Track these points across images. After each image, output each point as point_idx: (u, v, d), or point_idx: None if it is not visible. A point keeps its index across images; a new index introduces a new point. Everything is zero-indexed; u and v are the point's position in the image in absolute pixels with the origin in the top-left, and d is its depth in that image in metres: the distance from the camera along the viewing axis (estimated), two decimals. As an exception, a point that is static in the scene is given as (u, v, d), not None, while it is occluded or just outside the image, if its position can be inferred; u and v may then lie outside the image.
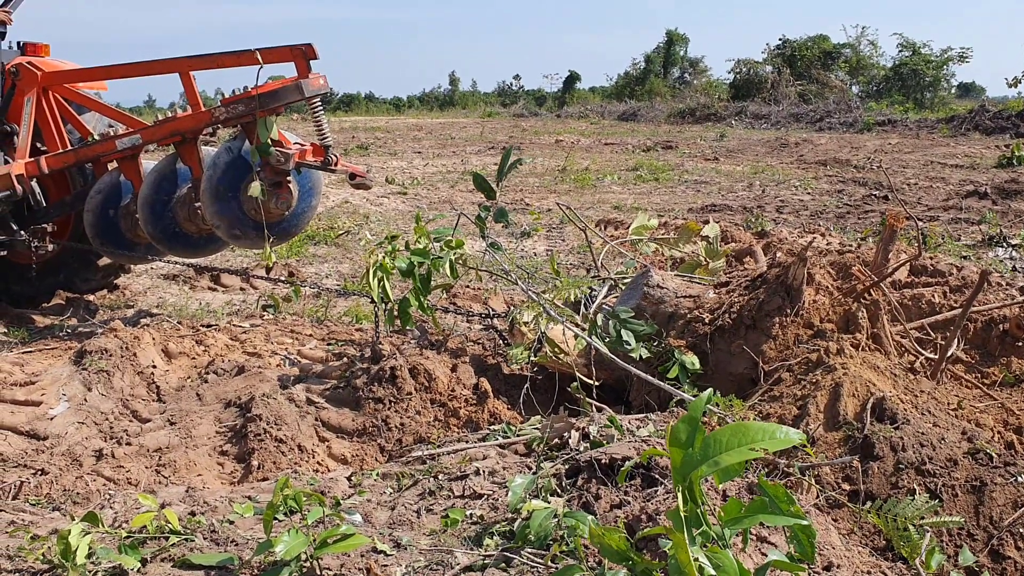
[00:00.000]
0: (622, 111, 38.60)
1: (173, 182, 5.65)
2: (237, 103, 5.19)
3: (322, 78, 5.24)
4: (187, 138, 5.48)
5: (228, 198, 5.27)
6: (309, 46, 5.16)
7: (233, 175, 5.26)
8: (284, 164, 5.16)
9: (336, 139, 24.12)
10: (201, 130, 5.45)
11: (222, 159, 5.28)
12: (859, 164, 15.99)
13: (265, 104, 5.11)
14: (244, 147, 5.26)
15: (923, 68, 38.58)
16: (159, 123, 5.58)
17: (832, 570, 2.64)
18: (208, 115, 5.36)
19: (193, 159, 5.51)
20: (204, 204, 5.33)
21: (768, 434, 1.54)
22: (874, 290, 4.09)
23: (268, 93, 5.11)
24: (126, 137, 5.64)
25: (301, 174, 5.52)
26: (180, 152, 5.57)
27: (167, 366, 4.91)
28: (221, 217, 5.32)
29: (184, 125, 5.46)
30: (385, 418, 4.23)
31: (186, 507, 3.18)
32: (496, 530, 2.87)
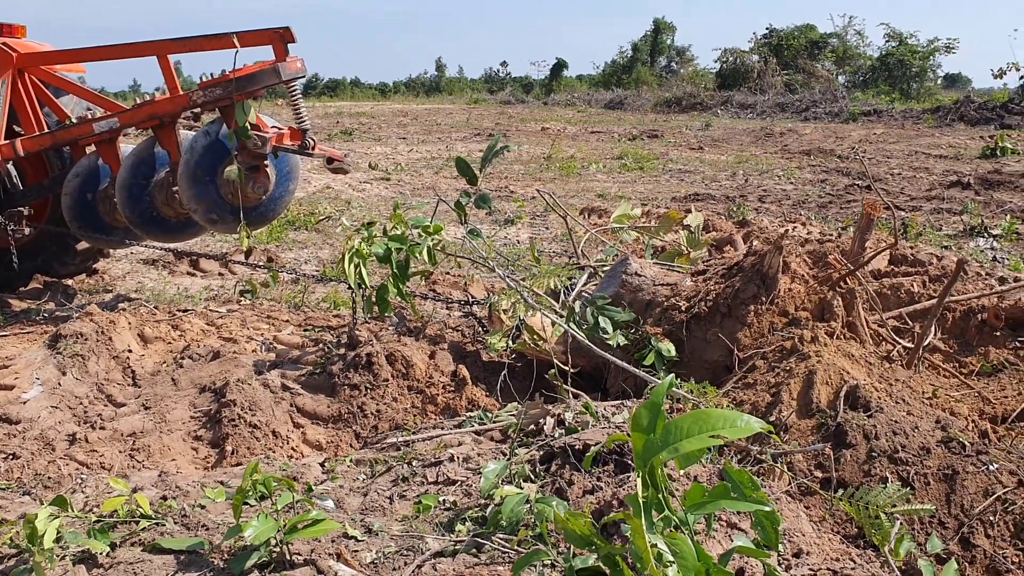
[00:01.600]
0: (609, 99, 38.58)
1: (151, 166, 5.61)
2: (215, 87, 5.15)
3: (299, 61, 5.21)
4: (165, 122, 5.43)
5: (205, 182, 5.23)
6: (287, 29, 5.12)
7: (211, 159, 5.22)
8: (261, 148, 5.12)
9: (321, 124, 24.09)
10: (179, 114, 5.41)
11: (200, 143, 5.23)
12: (843, 154, 16.03)
13: (243, 87, 5.07)
14: (222, 131, 5.22)
15: (909, 58, 38.67)
16: (137, 107, 5.53)
17: (802, 556, 2.65)
18: (186, 99, 5.32)
19: (171, 143, 5.47)
20: (181, 188, 5.29)
21: (729, 422, 1.54)
22: (850, 279, 4.10)
23: (245, 76, 5.07)
24: (103, 120, 5.58)
25: (279, 158, 5.48)
26: (158, 136, 5.53)
27: (143, 351, 4.88)
28: (198, 201, 5.28)
29: (162, 109, 5.41)
30: (361, 404, 4.22)
31: (158, 492, 3.16)
32: (468, 516, 2.87)
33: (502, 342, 4.40)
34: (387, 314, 4.61)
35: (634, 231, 6.12)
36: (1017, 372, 4.35)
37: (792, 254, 4.23)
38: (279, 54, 5.16)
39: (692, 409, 3.42)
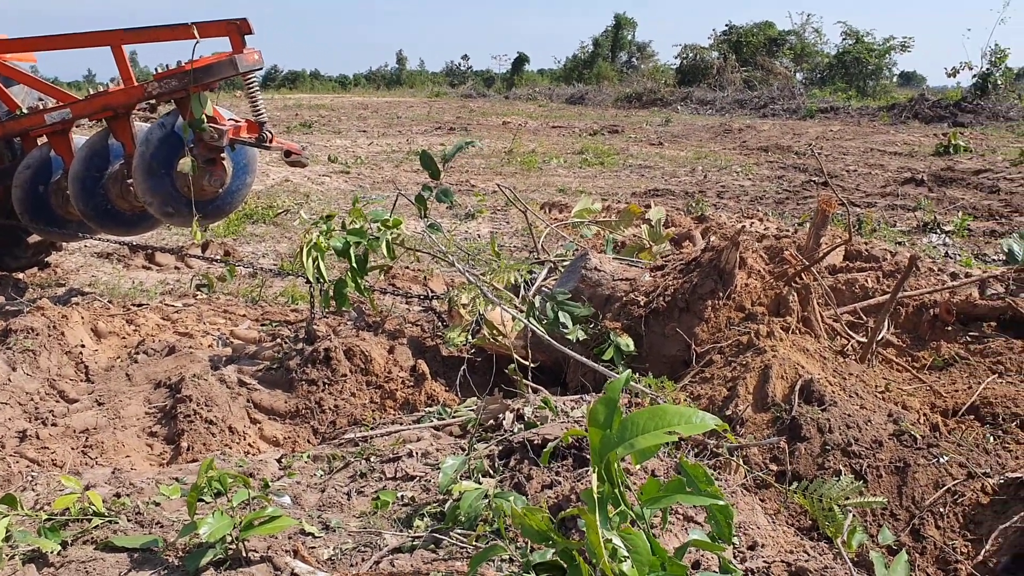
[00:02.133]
0: (570, 94, 38.67)
1: (105, 158, 5.52)
2: (170, 78, 5.08)
3: (256, 53, 5.15)
4: (119, 113, 5.35)
5: (161, 175, 5.16)
6: (244, 20, 5.06)
7: (166, 151, 5.15)
8: (218, 140, 5.07)
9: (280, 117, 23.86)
10: (134, 105, 5.32)
11: (155, 135, 5.16)
12: (800, 151, 16.22)
13: (199, 79, 5.00)
14: (177, 123, 5.15)
15: (866, 56, 39.19)
16: (90, 97, 5.43)
17: (756, 549, 2.68)
18: (141, 90, 5.24)
19: (126, 135, 5.38)
20: (136, 181, 5.21)
21: (684, 418, 1.55)
22: (805, 274, 4.15)
23: (202, 68, 5.01)
24: (55, 111, 5.48)
25: (235, 151, 5.42)
26: (112, 127, 5.44)
27: (96, 346, 4.80)
28: (154, 194, 5.21)
29: (116, 100, 5.32)
30: (319, 400, 4.19)
31: (111, 489, 3.12)
32: (427, 511, 2.87)
33: (461, 337, 4.40)
34: (345, 309, 4.58)
35: (594, 226, 6.14)
36: (968, 366, 4.44)
37: (749, 250, 4.28)
38: (236, 45, 5.11)
39: (651, 404, 3.44)
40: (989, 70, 26.65)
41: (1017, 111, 24.62)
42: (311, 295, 4.85)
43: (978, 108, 24.43)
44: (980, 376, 4.28)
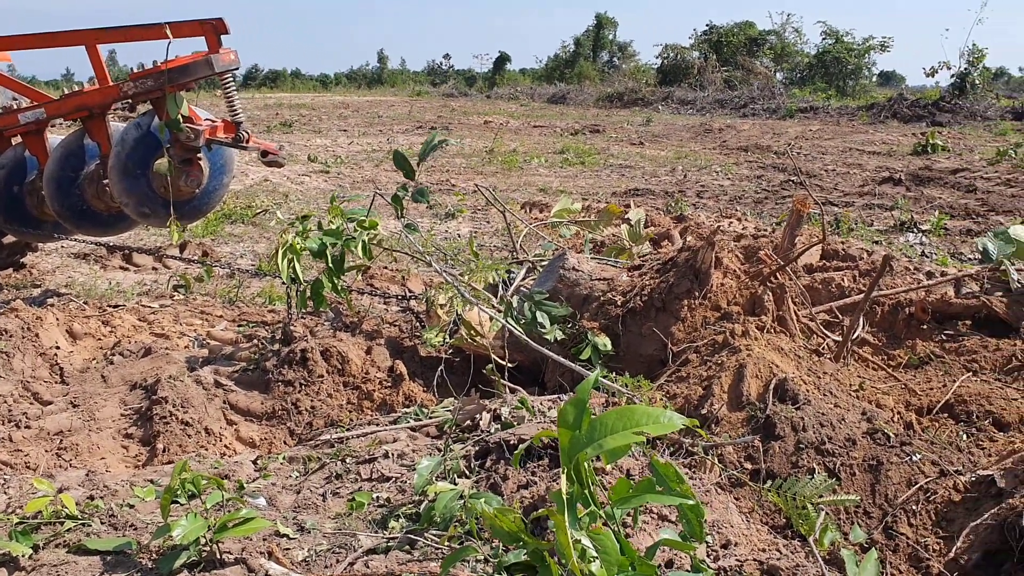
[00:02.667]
0: (552, 94, 38.71)
1: (80, 158, 5.48)
2: (146, 78, 5.05)
3: (232, 53, 5.13)
4: (95, 113, 5.31)
5: (137, 175, 5.13)
6: (220, 20, 5.04)
7: (142, 152, 5.12)
8: (194, 141, 5.04)
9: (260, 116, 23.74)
10: (109, 105, 5.29)
11: (131, 135, 5.13)
12: (779, 150, 16.30)
13: (174, 79, 4.98)
14: (153, 123, 5.12)
15: (845, 56, 39.44)
16: (65, 97, 5.39)
17: (730, 547, 2.70)
18: (116, 90, 5.20)
19: (101, 135, 5.34)
20: (112, 181, 5.18)
21: (652, 418, 1.56)
22: (780, 274, 4.18)
23: (177, 68, 4.98)
24: (30, 111, 5.44)
25: (212, 151, 5.40)
26: (88, 127, 5.40)
27: (71, 347, 4.77)
28: (130, 195, 5.18)
29: (91, 100, 5.28)
30: (295, 401, 4.18)
31: (85, 491, 3.10)
32: (402, 513, 2.87)
33: (439, 337, 4.40)
34: (322, 309, 4.57)
35: (574, 226, 6.15)
36: (943, 364, 4.48)
37: (724, 249, 4.30)
38: (212, 45, 5.09)
39: (627, 403, 3.45)
40: (967, 70, 26.88)
41: (995, 111, 24.86)
42: (288, 296, 4.83)
43: (956, 108, 24.64)
44: (955, 374, 4.32)
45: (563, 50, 53.46)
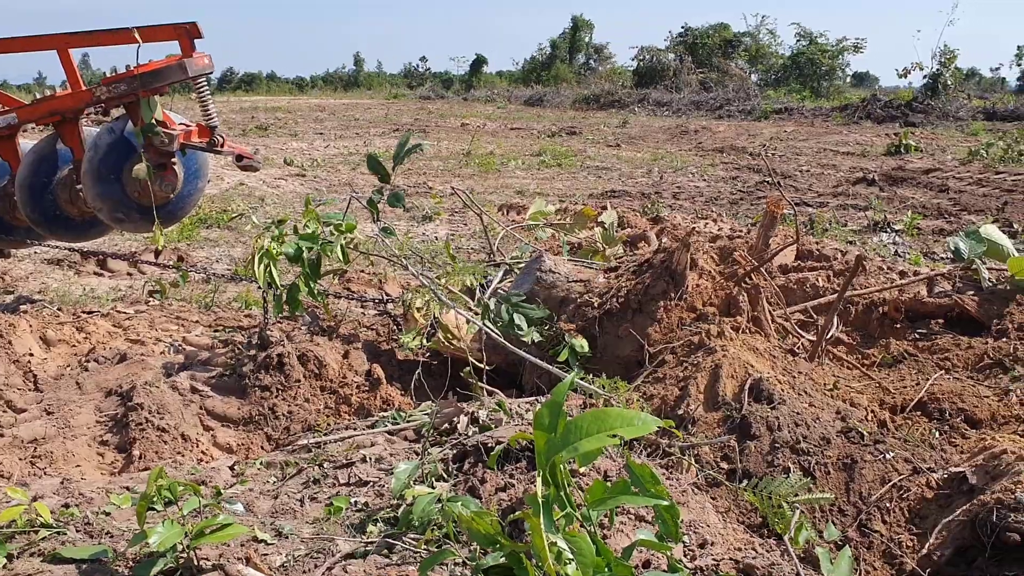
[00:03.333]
0: (529, 96, 38.77)
1: (53, 163, 5.44)
2: (119, 82, 5.02)
3: (206, 57, 5.12)
4: (67, 118, 5.27)
5: (110, 180, 5.10)
6: (193, 24, 5.03)
7: (115, 156, 5.09)
8: (168, 145, 5.02)
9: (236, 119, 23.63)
10: (82, 110, 5.25)
11: (104, 140, 5.10)
12: (755, 151, 16.41)
13: (147, 84, 4.95)
14: (127, 128, 5.09)
15: (819, 57, 39.74)
16: (37, 102, 5.35)
17: (706, 547, 2.72)
18: (89, 94, 5.17)
19: (74, 140, 5.31)
20: (86, 186, 5.14)
21: (627, 420, 1.57)
22: (755, 274, 4.21)
23: (150, 72, 4.96)
24: (0, 116, 5.39)
25: (187, 156, 5.37)
26: (60, 132, 5.36)
27: (45, 354, 4.73)
28: (103, 200, 5.14)
29: (63, 105, 5.24)
30: (272, 406, 4.17)
31: (60, 499, 3.07)
32: (380, 517, 2.87)
33: (416, 341, 4.39)
34: (299, 313, 4.55)
35: (549, 228, 6.18)
36: (916, 363, 4.53)
37: (700, 251, 4.33)
38: (185, 49, 5.08)
39: (604, 405, 3.47)
40: (939, 71, 27.18)
41: (966, 111, 25.14)
42: (264, 300, 4.81)
43: (928, 108, 24.90)
44: (928, 372, 4.37)
45: (540, 52, 53.56)
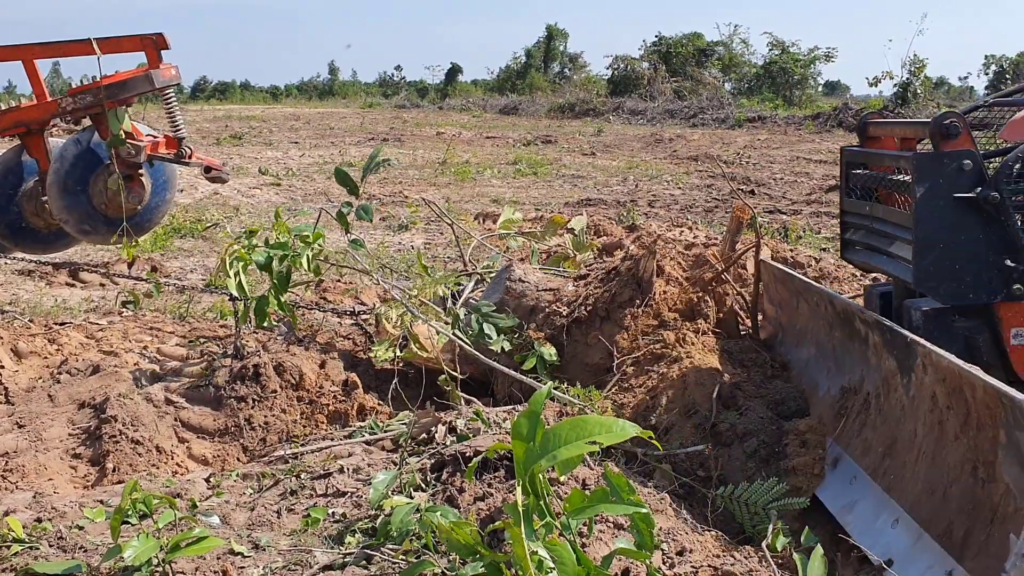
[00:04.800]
0: (504, 104, 38.80)
1: (18, 175, 5.40)
2: (85, 93, 5.00)
3: (173, 68, 5.13)
4: (32, 129, 5.23)
5: (77, 192, 5.08)
6: (160, 35, 5.04)
7: (82, 168, 5.08)
8: (135, 157, 5.02)
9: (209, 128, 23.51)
10: (48, 121, 5.22)
11: (70, 151, 5.08)
12: (729, 159, 16.53)
13: (114, 95, 4.95)
14: (93, 139, 5.07)
15: (792, 66, 40.04)
16: (2, 113, 5.31)
17: (685, 555, 2.73)
18: (54, 105, 5.14)
19: (40, 151, 5.27)
20: (51, 198, 5.11)
21: (605, 428, 1.58)
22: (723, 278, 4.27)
23: (117, 83, 4.97)
24: None
25: (154, 167, 5.35)
26: (26, 144, 5.33)
27: (16, 366, 4.67)
28: (69, 212, 5.12)
29: (29, 116, 5.21)
30: (248, 417, 4.14)
31: (32, 514, 3.04)
32: (358, 528, 2.87)
33: (388, 352, 4.39)
34: (269, 326, 4.53)
35: (520, 236, 6.21)
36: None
37: (667, 257, 4.38)
38: (152, 60, 5.09)
39: (579, 414, 3.48)
40: (909, 79, 27.48)
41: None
42: (235, 310, 4.79)
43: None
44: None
45: (515, 61, 53.63)
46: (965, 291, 2.97)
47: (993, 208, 2.90)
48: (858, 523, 2.95)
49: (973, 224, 2.94)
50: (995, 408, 2.33)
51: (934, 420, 2.71)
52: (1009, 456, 2.30)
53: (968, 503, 2.47)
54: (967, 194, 2.91)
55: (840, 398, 3.38)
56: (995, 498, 2.35)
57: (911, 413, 2.87)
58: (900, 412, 2.95)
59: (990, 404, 2.36)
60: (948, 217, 2.94)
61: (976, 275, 2.96)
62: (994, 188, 2.89)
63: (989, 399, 2.36)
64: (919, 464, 2.77)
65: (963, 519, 2.48)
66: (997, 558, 2.25)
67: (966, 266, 2.95)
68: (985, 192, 2.89)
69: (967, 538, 2.44)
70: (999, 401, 2.30)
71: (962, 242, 2.95)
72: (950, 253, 2.95)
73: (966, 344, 2.98)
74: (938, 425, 2.69)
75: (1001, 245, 2.94)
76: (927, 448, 2.75)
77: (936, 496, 2.63)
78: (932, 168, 2.94)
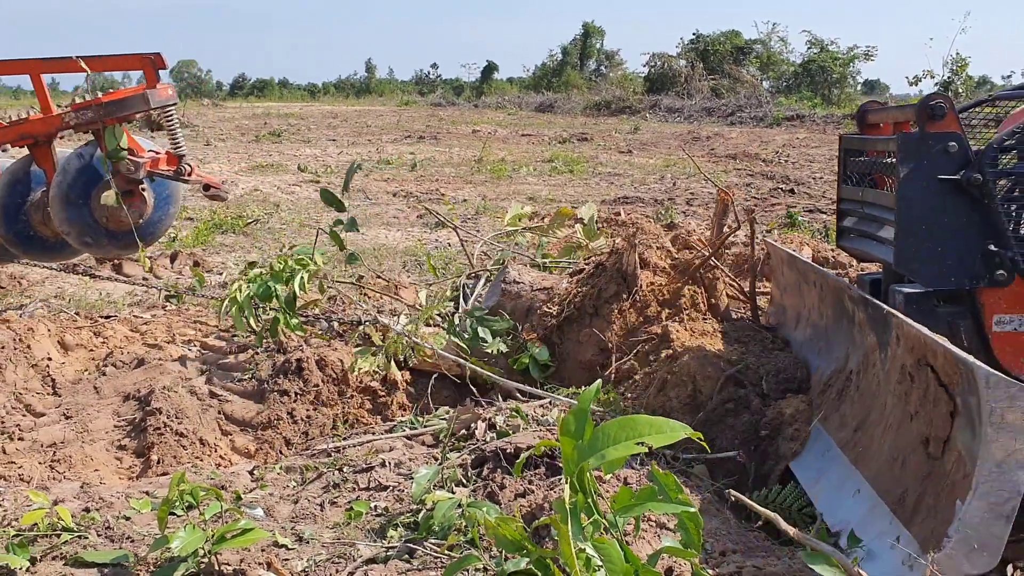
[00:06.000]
0: (539, 102, 38.77)
1: (27, 184, 5.50)
2: (86, 109, 5.11)
3: (170, 88, 5.28)
4: (39, 141, 5.34)
5: (79, 205, 5.18)
6: (158, 55, 5.17)
7: (83, 182, 5.17)
8: (135, 173, 5.12)
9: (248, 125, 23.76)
10: (54, 134, 5.33)
11: (72, 165, 5.19)
12: (767, 158, 16.38)
13: (111, 112, 5.06)
14: (95, 153, 5.17)
15: (830, 65, 39.57)
16: (10, 124, 5.42)
17: (727, 555, 2.71)
18: (59, 120, 5.24)
19: (47, 162, 5.36)
20: (54, 210, 5.21)
21: (655, 428, 1.58)
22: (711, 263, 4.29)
23: (114, 102, 5.09)
24: None
25: (156, 182, 5.44)
26: (33, 155, 5.43)
27: (63, 358, 4.75)
28: (71, 224, 5.21)
29: (35, 129, 5.31)
30: (291, 410, 4.18)
31: (80, 503, 3.09)
32: (400, 522, 2.88)
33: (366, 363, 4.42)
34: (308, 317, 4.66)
35: (528, 231, 6.26)
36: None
37: (651, 247, 4.39)
38: (150, 79, 5.21)
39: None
40: (950, 78, 27.08)
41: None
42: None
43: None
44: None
45: (551, 59, 53.57)
46: (947, 274, 2.95)
47: (976, 190, 2.88)
48: (824, 493, 2.97)
49: (957, 207, 2.92)
50: (954, 375, 2.34)
51: (901, 391, 2.73)
52: (962, 423, 2.31)
53: (923, 471, 2.49)
54: (951, 176, 2.89)
55: (828, 377, 3.40)
56: (948, 466, 2.37)
57: (884, 387, 2.88)
58: (876, 387, 2.96)
59: (950, 372, 2.37)
60: (931, 198, 2.92)
61: (959, 259, 2.94)
62: (977, 170, 2.86)
63: (949, 367, 2.37)
64: (885, 436, 2.79)
65: (916, 486, 2.50)
66: (943, 523, 2.27)
67: (949, 249, 2.93)
68: (968, 174, 2.87)
69: (917, 504, 2.46)
70: (957, 368, 2.32)
71: (945, 225, 2.93)
72: (933, 235, 2.93)
73: (948, 330, 2.94)
74: (904, 396, 2.70)
75: (985, 229, 2.92)
76: (893, 420, 2.76)
77: (896, 466, 2.65)
78: (916, 148, 2.93)
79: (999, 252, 2.90)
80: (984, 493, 2.18)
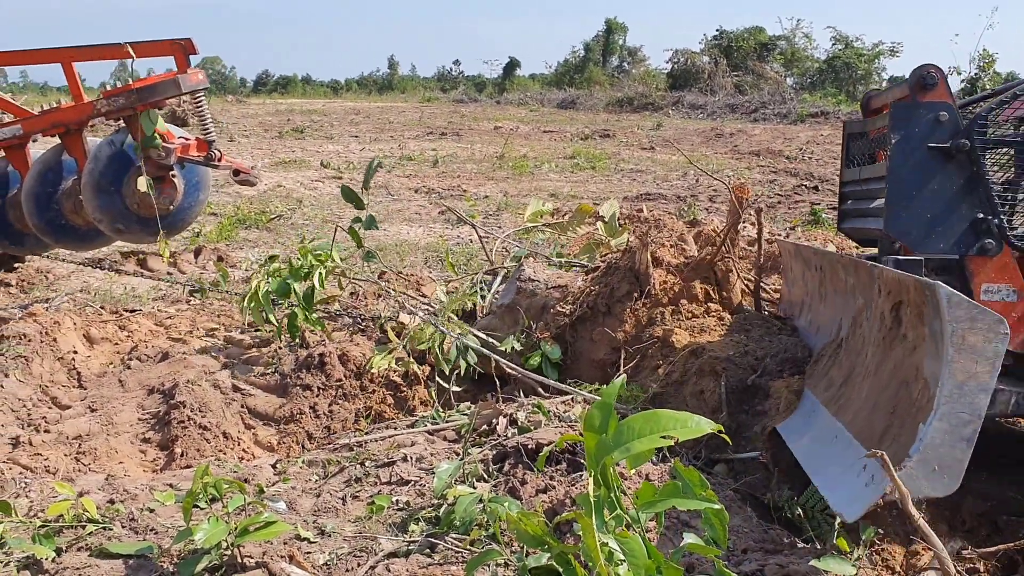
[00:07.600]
0: (561, 99, 38.66)
1: (59, 173, 5.52)
2: (118, 96, 5.13)
3: (200, 73, 5.27)
4: (71, 129, 5.37)
5: (111, 192, 5.20)
6: (188, 40, 5.17)
7: (115, 169, 5.20)
8: (165, 159, 5.13)
9: (271, 121, 23.85)
10: (85, 122, 5.36)
11: (104, 152, 5.21)
12: (791, 155, 16.27)
13: (144, 98, 5.08)
14: (126, 140, 5.19)
15: (855, 61, 39.24)
16: (42, 113, 5.46)
17: (749, 553, 2.70)
18: (91, 107, 5.27)
19: (78, 150, 5.39)
20: (86, 198, 5.24)
21: (680, 423, 1.57)
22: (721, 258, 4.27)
23: (146, 87, 5.10)
24: (7, 127, 5.49)
25: (186, 168, 5.46)
26: (65, 143, 5.46)
27: (89, 352, 4.80)
28: (103, 211, 5.24)
29: (66, 117, 5.34)
30: (313, 405, 4.20)
31: (105, 495, 3.12)
32: (422, 516, 2.88)
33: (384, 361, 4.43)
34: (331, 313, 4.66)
35: (547, 228, 6.25)
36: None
37: (664, 246, 4.39)
38: (180, 65, 5.21)
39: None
40: (977, 75, 26.73)
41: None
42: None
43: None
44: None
45: (573, 55, 53.44)
46: (936, 241, 3.00)
47: (965, 156, 2.91)
48: (805, 446, 3.01)
49: (947, 175, 2.97)
50: (922, 304, 2.38)
51: (880, 337, 2.77)
52: (929, 350, 2.35)
53: (892, 404, 2.54)
54: (942, 144, 2.94)
55: (822, 349, 3.44)
56: (914, 394, 2.41)
57: (868, 340, 2.92)
58: (861, 344, 3.00)
59: (919, 302, 2.40)
60: (922, 165, 2.97)
61: (948, 226, 2.99)
62: (965, 136, 2.90)
63: (918, 296, 2.41)
64: (864, 383, 2.83)
65: (884, 418, 2.55)
66: (905, 446, 2.32)
67: (938, 216, 2.98)
68: (956, 141, 2.90)
69: (884, 433, 2.51)
70: (923, 293, 2.36)
71: (935, 192, 2.98)
72: (923, 201, 2.98)
73: None
74: (882, 341, 2.74)
75: (974, 198, 2.97)
76: (872, 366, 2.80)
77: (869, 407, 2.70)
78: (908, 117, 2.99)
79: (987, 220, 2.95)
80: (945, 414, 2.23)
